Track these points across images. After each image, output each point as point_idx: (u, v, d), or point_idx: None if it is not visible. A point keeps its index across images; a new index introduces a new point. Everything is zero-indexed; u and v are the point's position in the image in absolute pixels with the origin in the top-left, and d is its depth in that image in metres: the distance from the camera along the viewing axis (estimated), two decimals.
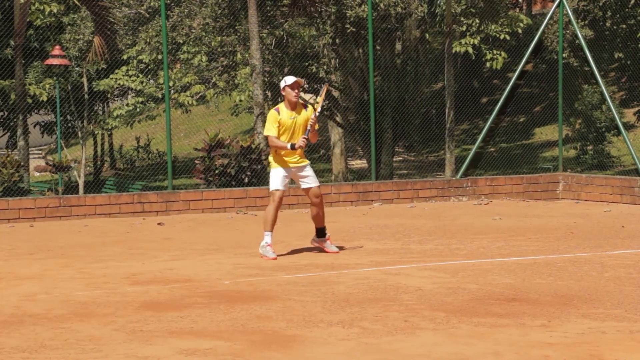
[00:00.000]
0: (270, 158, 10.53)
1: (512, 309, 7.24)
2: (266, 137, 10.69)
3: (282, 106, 10.50)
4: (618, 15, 23.79)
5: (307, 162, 10.64)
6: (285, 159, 10.42)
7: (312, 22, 24.57)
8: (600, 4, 24.22)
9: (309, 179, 10.57)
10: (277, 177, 10.43)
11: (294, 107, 10.47)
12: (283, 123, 10.38)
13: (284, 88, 10.44)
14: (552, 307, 7.28)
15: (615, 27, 24.24)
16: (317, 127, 10.53)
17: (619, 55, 25.78)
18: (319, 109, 10.60)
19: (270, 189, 10.47)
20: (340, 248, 10.81)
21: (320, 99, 10.81)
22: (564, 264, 9.51)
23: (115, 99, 28.94)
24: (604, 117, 27.18)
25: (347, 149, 29.35)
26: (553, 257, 10.08)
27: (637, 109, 26.03)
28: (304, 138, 10.29)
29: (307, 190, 10.60)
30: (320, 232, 10.70)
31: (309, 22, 24.67)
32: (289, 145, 10.29)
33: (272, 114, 10.47)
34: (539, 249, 10.64)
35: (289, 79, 10.43)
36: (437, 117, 27.69)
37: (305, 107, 10.62)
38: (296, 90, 10.40)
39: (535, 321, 6.80)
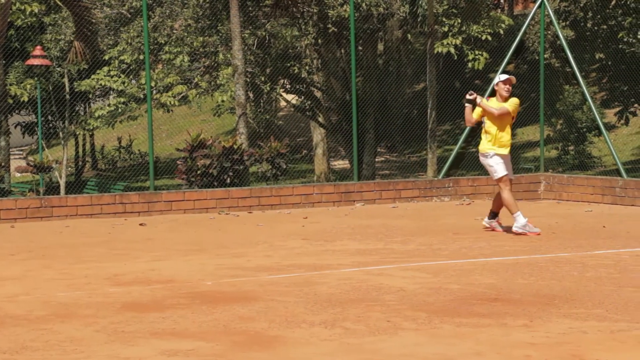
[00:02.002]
0: (488, 145, 12.15)
1: (494, 309, 7.26)
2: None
3: (493, 99, 12.11)
4: (599, 16, 23.86)
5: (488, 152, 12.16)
6: (500, 148, 12.12)
7: (294, 22, 24.58)
8: (581, 5, 24.29)
9: (511, 168, 12.40)
10: (499, 163, 12.11)
11: (505, 100, 11.99)
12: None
13: (497, 84, 12.06)
14: (533, 307, 7.30)
15: (596, 28, 24.31)
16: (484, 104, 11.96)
17: (600, 56, 25.88)
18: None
19: (498, 176, 12.10)
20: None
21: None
22: (546, 264, 9.54)
23: (97, 99, 28.88)
24: (585, 117, 27.33)
25: (329, 149, 29.38)
26: (535, 257, 10.11)
27: (618, 109, 26.15)
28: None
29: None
30: (494, 215, 12.37)
31: (291, 23, 24.68)
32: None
33: (491, 101, 12.11)
34: (520, 249, 10.67)
35: (503, 76, 12.05)
36: (419, 118, 27.71)
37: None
38: (508, 86, 11.94)
39: (517, 321, 6.82)
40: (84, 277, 9.07)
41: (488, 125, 12.02)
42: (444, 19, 22.97)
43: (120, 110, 24.55)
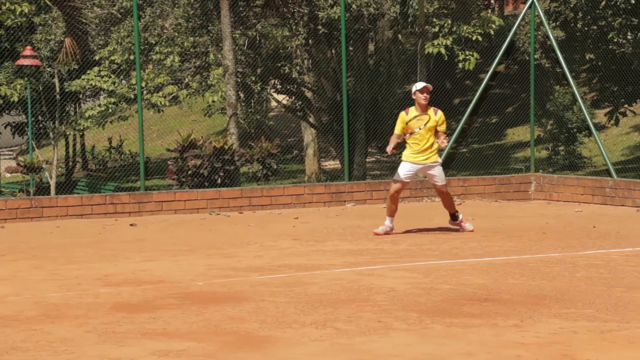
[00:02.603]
0: (403, 152, 12.01)
1: (484, 309, 7.27)
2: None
3: (412, 109, 11.86)
4: (589, 17, 23.89)
5: (437, 161, 11.96)
6: (412, 154, 11.87)
7: (285, 22, 24.57)
8: (572, 6, 24.33)
9: (434, 177, 12.04)
10: (401, 168, 11.94)
11: (424, 109, 11.77)
12: (410, 124, 11.78)
13: (414, 93, 11.74)
14: (524, 307, 7.31)
15: (586, 29, 24.34)
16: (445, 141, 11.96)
17: (590, 56, 25.91)
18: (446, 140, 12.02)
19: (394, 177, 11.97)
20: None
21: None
22: (536, 264, 9.55)
23: (87, 99, 28.82)
24: (575, 117, 27.36)
25: (320, 149, 29.38)
26: (525, 257, 10.12)
27: (608, 109, 26.20)
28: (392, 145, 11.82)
29: (434, 185, 12.17)
30: (454, 217, 12.24)
31: (282, 23, 24.67)
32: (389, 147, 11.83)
33: (400, 114, 11.94)
34: (511, 250, 10.68)
35: (419, 85, 11.75)
36: None
37: (436, 111, 11.83)
38: (425, 94, 11.67)
39: (508, 321, 6.83)
40: (74, 277, 9.06)
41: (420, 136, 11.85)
42: (434, 19, 22.98)
43: (110, 110, 24.51)
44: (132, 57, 22.59)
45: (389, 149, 11.86)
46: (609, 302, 7.54)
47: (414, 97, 11.79)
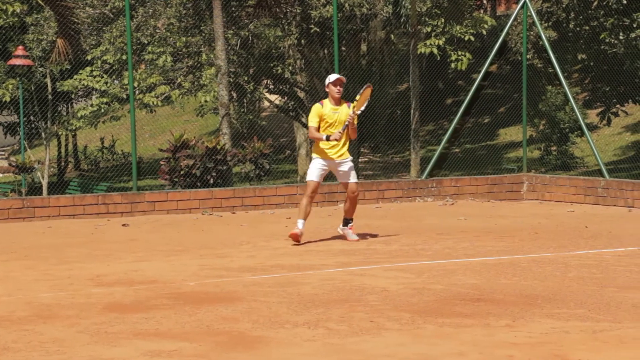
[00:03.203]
0: (312, 149, 11.35)
1: (476, 309, 7.27)
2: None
3: (326, 101, 11.22)
4: (581, 17, 23.93)
5: (349, 157, 11.36)
6: (326, 151, 11.15)
7: (278, 22, 24.58)
8: (564, 6, 24.36)
9: (347, 175, 11.29)
10: (313, 168, 11.25)
11: (338, 102, 11.18)
12: (325, 116, 11.12)
13: (327, 85, 11.18)
14: (516, 307, 7.32)
15: (578, 29, 24.37)
16: (355, 123, 11.16)
17: (582, 56, 25.95)
18: (362, 108, 11.25)
19: (306, 179, 11.32)
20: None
21: (360, 98, 11.27)
22: (528, 264, 9.57)
23: (80, 99, 28.78)
24: (567, 118, 27.42)
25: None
26: (517, 257, 10.13)
27: (600, 110, 26.25)
28: (339, 132, 11.00)
29: (345, 185, 11.36)
30: (346, 221, 11.56)
31: (274, 23, 24.68)
32: (324, 137, 11.04)
33: (315, 106, 11.25)
34: (503, 250, 10.69)
35: (332, 77, 11.19)
36: (403, 118, 27.78)
37: (349, 104, 11.29)
38: (338, 87, 11.08)
39: (500, 321, 6.84)
40: (66, 277, 9.04)
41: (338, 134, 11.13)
42: (427, 19, 23.00)
43: (102, 110, 24.47)
44: (124, 57, 22.57)
45: (334, 137, 10.98)
46: (601, 302, 7.55)
47: (327, 89, 11.23)
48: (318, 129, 11.13)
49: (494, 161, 27.78)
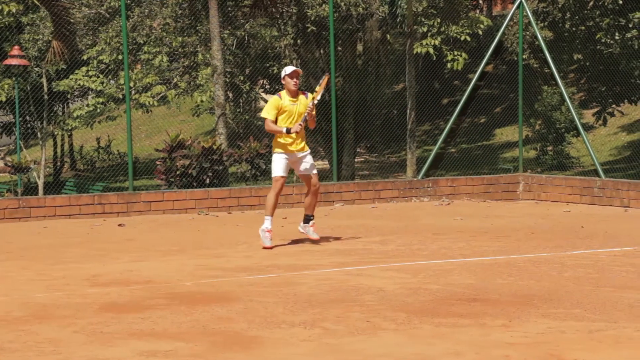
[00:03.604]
0: (274, 145, 11.06)
1: (473, 309, 7.28)
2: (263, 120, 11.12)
3: (284, 93, 11.00)
4: (577, 17, 23.93)
5: (308, 150, 11.22)
6: (286, 144, 10.95)
7: (274, 22, 24.57)
8: (560, 6, 24.37)
9: (309, 166, 11.11)
10: (278, 163, 10.97)
11: (295, 95, 10.97)
12: (284, 108, 10.90)
13: (283, 77, 10.96)
14: (512, 307, 7.32)
15: (574, 29, 24.38)
16: (314, 113, 10.97)
17: (578, 56, 25.95)
18: (317, 97, 11.06)
19: (272, 175, 10.99)
20: (300, 240, 10.83)
21: (319, 88, 11.18)
22: (525, 264, 9.57)
23: (76, 99, 28.74)
24: (563, 118, 27.41)
25: None
26: (513, 257, 10.14)
27: (596, 110, 26.25)
28: (300, 124, 10.82)
29: (306, 178, 11.12)
30: (307, 219, 11.30)
31: (270, 23, 24.66)
32: (284, 130, 10.84)
33: (273, 98, 11.03)
34: (499, 250, 10.70)
35: (288, 69, 10.96)
36: (399, 118, 27.76)
37: (306, 94, 11.10)
38: (295, 79, 10.87)
39: (496, 321, 6.84)
40: (62, 278, 9.04)
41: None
42: (423, 19, 23.01)
43: (99, 110, 24.44)
44: (120, 57, 22.54)
45: (295, 129, 10.78)
46: (597, 301, 7.56)
47: (283, 82, 11.02)
48: (275, 122, 10.92)
49: (490, 161, 27.77)
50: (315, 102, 11.03)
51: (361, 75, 26.04)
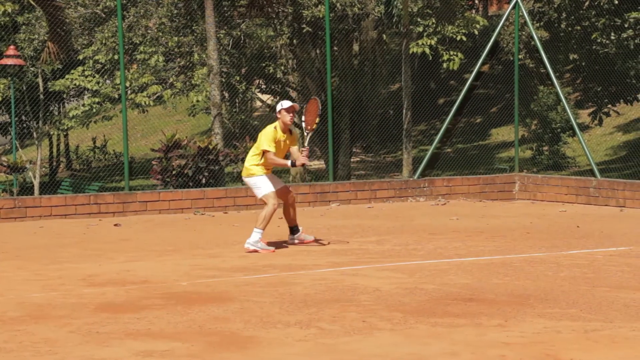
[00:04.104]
0: (255, 168, 11.02)
1: (469, 309, 7.28)
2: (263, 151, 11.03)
3: (278, 124, 11.00)
4: (573, 17, 23.95)
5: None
6: (265, 166, 11.03)
7: (270, 22, 24.56)
8: (555, 6, 24.39)
9: (282, 182, 11.41)
10: (266, 181, 10.97)
11: (286, 129, 11.03)
12: (277, 142, 10.96)
13: (279, 111, 10.98)
14: (508, 307, 7.33)
15: (570, 29, 24.39)
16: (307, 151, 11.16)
17: (574, 56, 25.97)
18: (314, 127, 11.22)
19: (265, 193, 10.92)
20: (292, 239, 10.84)
21: (306, 116, 11.31)
22: (520, 264, 9.58)
23: (71, 99, 28.73)
24: (559, 118, 27.45)
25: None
26: (509, 257, 10.14)
27: (591, 110, 26.29)
28: (304, 157, 10.96)
29: (284, 191, 11.19)
30: (294, 230, 11.39)
31: (266, 23, 24.66)
32: (289, 163, 11.00)
33: (270, 130, 10.96)
34: (495, 249, 10.70)
35: (286, 103, 11.04)
36: (395, 118, 27.77)
37: (290, 131, 11.18)
38: (291, 115, 10.93)
39: (492, 321, 6.84)
40: (58, 278, 9.03)
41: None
42: (418, 19, 23.01)
43: (94, 110, 24.43)
44: (116, 57, 22.54)
45: (301, 161, 10.96)
46: (592, 301, 7.56)
47: (279, 115, 10.99)
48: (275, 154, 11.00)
49: (486, 161, 27.80)
50: (312, 132, 11.19)
51: (357, 75, 26.05)
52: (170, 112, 31.71)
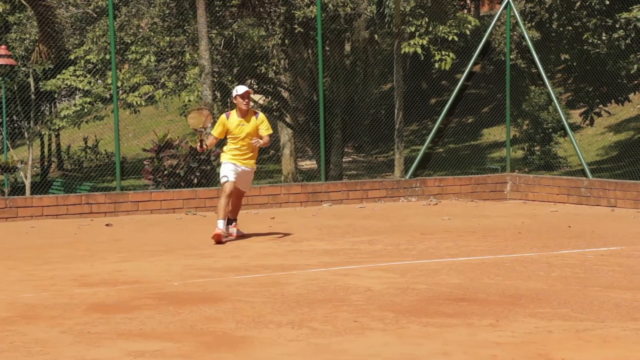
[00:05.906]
0: (222, 154, 11.55)
1: (460, 309, 7.29)
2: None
3: (233, 112, 11.34)
4: (564, 17, 23.97)
5: (254, 168, 11.73)
6: (235, 157, 11.42)
7: (261, 22, 24.55)
8: (547, 6, 24.41)
9: (245, 184, 11.74)
10: (228, 169, 11.40)
11: (245, 114, 11.29)
12: (231, 129, 11.35)
13: (235, 97, 11.25)
14: (500, 307, 7.34)
15: (561, 29, 24.41)
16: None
17: (565, 56, 26.00)
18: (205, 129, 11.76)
19: (221, 181, 11.43)
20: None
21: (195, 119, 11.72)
22: (512, 264, 9.59)
23: (63, 99, 28.68)
24: (550, 118, 27.48)
25: (296, 149, 29.36)
26: (501, 257, 10.16)
27: (583, 110, 26.32)
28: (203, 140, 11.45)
29: (238, 190, 11.62)
30: (230, 221, 11.84)
31: (258, 23, 24.65)
32: (199, 144, 11.51)
33: (221, 117, 11.46)
34: (487, 249, 10.72)
35: (240, 89, 11.25)
36: (387, 118, 27.77)
37: (257, 114, 11.41)
38: (246, 100, 11.20)
39: (484, 321, 6.85)
40: (49, 278, 9.01)
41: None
42: (410, 19, 23.02)
43: (86, 110, 24.38)
44: (107, 57, 22.49)
45: (200, 146, 11.49)
46: (584, 301, 7.58)
47: (234, 101, 11.37)
48: (225, 140, 11.51)
49: (478, 161, 27.82)
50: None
51: (349, 75, 26.04)
52: (162, 112, 31.67)
